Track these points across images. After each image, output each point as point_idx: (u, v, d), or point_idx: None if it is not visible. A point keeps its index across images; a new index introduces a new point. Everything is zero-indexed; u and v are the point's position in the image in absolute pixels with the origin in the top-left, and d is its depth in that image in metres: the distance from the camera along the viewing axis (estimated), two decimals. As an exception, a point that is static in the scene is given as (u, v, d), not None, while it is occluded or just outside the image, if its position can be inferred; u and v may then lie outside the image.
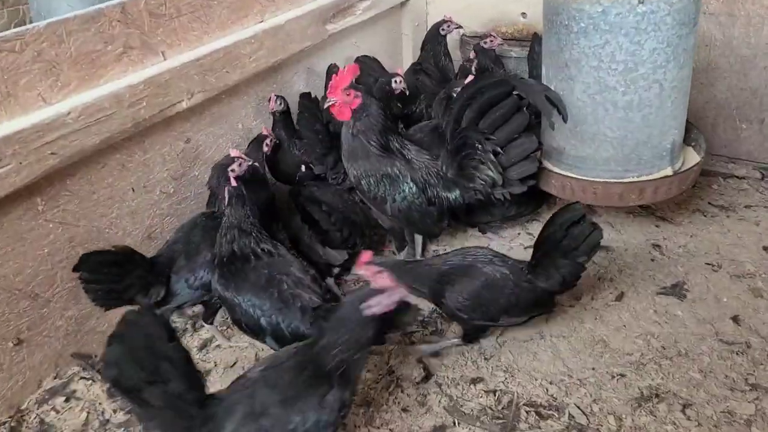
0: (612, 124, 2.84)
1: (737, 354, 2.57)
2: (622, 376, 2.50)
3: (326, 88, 3.29)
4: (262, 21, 3.37)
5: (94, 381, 2.65)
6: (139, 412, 1.83)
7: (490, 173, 2.83)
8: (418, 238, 3.20)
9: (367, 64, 3.98)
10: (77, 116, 2.39)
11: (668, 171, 3.00)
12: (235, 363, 2.72)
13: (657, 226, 3.47)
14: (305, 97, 3.39)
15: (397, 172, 2.86)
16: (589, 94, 2.82)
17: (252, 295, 2.41)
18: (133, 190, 2.83)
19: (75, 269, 2.36)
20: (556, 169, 3.09)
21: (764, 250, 3.19)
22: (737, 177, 3.88)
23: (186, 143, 3.06)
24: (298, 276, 2.46)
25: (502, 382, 2.51)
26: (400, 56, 4.75)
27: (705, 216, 3.53)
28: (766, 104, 3.81)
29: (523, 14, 4.55)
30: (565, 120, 2.86)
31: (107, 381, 1.80)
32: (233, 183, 2.56)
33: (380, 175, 2.85)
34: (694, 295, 2.92)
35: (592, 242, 2.49)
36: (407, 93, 3.54)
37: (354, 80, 2.83)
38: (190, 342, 2.86)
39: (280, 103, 3.32)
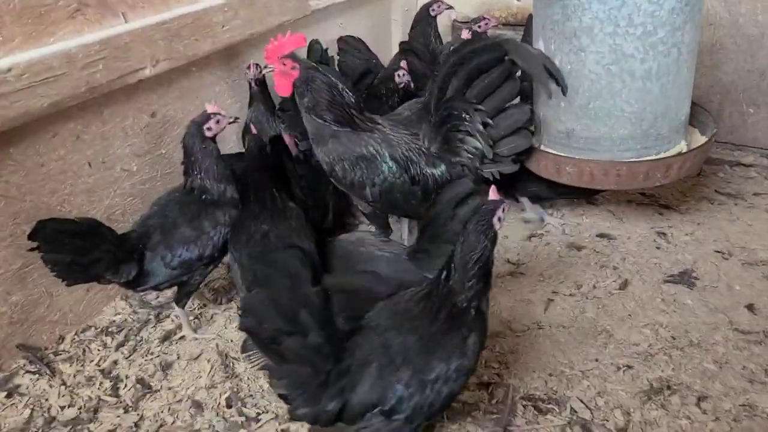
0: (630, 97, 2.57)
1: (754, 344, 2.34)
2: (629, 367, 2.26)
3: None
4: (238, -11, 3.13)
5: (41, 375, 2.38)
6: (272, 368, 1.68)
7: (478, 145, 2.57)
8: (404, 222, 2.94)
9: (351, 44, 3.77)
10: (20, 74, 2.12)
11: (683, 146, 2.75)
12: (199, 355, 2.46)
13: (661, 214, 3.24)
14: None
15: (374, 151, 2.56)
16: (603, 65, 2.54)
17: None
18: (90, 165, 2.57)
19: (30, 237, 2.07)
20: (567, 154, 2.74)
21: (778, 237, 2.97)
22: (744, 165, 3.67)
23: (151, 117, 2.81)
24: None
25: (497, 375, 2.26)
26: (389, 42, 4.53)
27: (712, 204, 3.30)
28: (775, 87, 3.60)
29: (518, -3, 4.36)
30: (564, 92, 2.62)
31: (243, 330, 1.65)
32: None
33: (355, 158, 2.55)
34: (704, 284, 2.69)
35: None
36: (412, 86, 3.34)
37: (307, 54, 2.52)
38: (152, 334, 2.60)
39: (260, 72, 3.07)
